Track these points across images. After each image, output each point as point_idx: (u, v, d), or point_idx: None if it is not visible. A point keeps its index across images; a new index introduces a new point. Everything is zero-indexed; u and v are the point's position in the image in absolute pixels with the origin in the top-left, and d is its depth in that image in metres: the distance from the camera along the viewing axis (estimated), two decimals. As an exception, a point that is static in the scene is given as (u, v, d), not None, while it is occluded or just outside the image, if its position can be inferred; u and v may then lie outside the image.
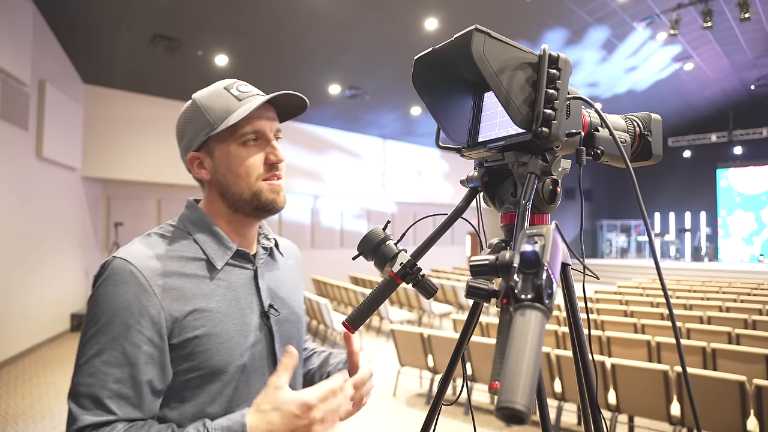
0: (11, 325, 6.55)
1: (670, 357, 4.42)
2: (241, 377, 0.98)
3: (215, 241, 1.03)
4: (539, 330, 0.53)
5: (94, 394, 0.85)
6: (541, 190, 0.84)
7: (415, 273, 0.93)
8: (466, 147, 0.96)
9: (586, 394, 0.93)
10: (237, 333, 0.98)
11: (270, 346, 1.05)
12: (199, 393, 0.94)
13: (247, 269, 1.07)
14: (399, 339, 5.28)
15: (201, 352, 0.93)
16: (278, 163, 1.04)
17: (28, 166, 7.09)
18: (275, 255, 1.17)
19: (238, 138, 1.01)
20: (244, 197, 1.02)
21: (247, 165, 1.01)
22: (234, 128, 1.00)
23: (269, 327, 1.06)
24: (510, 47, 0.79)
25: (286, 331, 1.10)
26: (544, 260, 0.56)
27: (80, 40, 8.14)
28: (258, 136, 1.03)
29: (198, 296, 0.96)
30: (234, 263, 1.05)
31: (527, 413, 0.47)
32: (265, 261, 1.12)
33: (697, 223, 20.26)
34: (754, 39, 11.89)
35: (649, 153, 1.02)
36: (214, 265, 1.00)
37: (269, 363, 1.05)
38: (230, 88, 1.03)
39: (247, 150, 1.02)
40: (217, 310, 0.97)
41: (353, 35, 8.83)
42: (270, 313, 1.06)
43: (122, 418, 0.85)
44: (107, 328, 0.87)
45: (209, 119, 1.00)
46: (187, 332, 0.93)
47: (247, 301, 1.03)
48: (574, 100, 0.84)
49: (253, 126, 1.01)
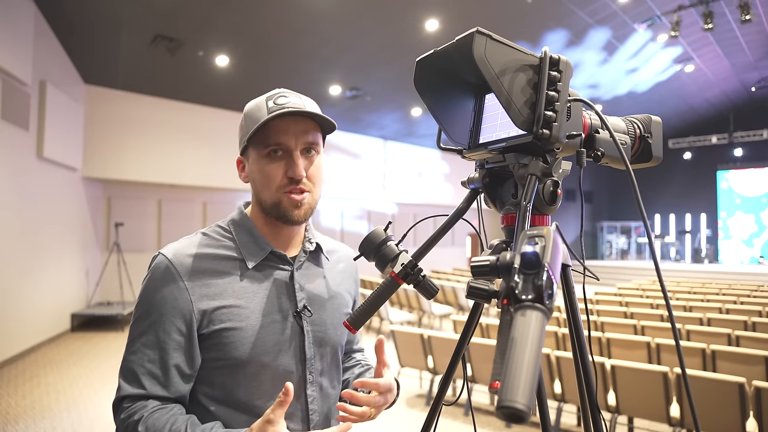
0: (12, 325, 6.56)
1: (669, 358, 4.42)
2: (266, 371, 1.05)
3: (252, 242, 1.11)
4: (540, 330, 0.53)
5: (133, 370, 0.99)
6: (541, 192, 0.84)
7: (416, 273, 0.93)
8: (467, 148, 0.96)
9: (586, 395, 0.93)
10: (263, 329, 1.05)
11: (300, 346, 1.10)
12: (226, 380, 1.03)
13: (284, 270, 1.13)
14: (399, 340, 5.28)
15: (227, 344, 1.02)
16: (297, 179, 1.06)
17: (29, 166, 7.10)
18: (319, 259, 1.21)
19: (264, 148, 1.07)
20: (268, 204, 1.09)
21: (267, 176, 1.07)
22: (262, 139, 1.06)
23: (301, 327, 1.10)
24: (511, 49, 0.79)
25: (321, 334, 1.13)
26: (544, 261, 0.56)
27: (81, 41, 8.15)
28: (281, 149, 1.06)
29: (227, 292, 1.05)
30: (270, 264, 1.12)
31: (527, 412, 0.48)
32: (305, 264, 1.17)
33: (698, 224, 20.26)
34: (755, 41, 11.90)
35: (649, 155, 1.03)
36: (247, 265, 1.08)
37: (299, 361, 1.10)
38: (270, 100, 1.08)
39: (270, 161, 1.07)
40: (245, 306, 1.05)
41: (354, 36, 8.84)
42: (303, 314, 1.10)
43: (152, 394, 0.98)
44: (146, 316, 1.02)
45: (247, 127, 1.08)
46: (214, 324, 1.02)
47: (280, 301, 1.10)
48: (575, 102, 0.84)
49: (276, 139, 1.06)
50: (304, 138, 1.08)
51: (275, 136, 1.05)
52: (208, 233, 1.12)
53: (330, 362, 1.16)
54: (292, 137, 1.06)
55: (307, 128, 1.09)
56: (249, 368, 1.03)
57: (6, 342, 6.42)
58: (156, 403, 0.98)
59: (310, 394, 1.10)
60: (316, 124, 1.11)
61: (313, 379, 1.11)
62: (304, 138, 1.08)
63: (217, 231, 1.13)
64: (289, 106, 1.06)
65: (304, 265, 1.16)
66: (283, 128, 1.06)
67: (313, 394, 1.11)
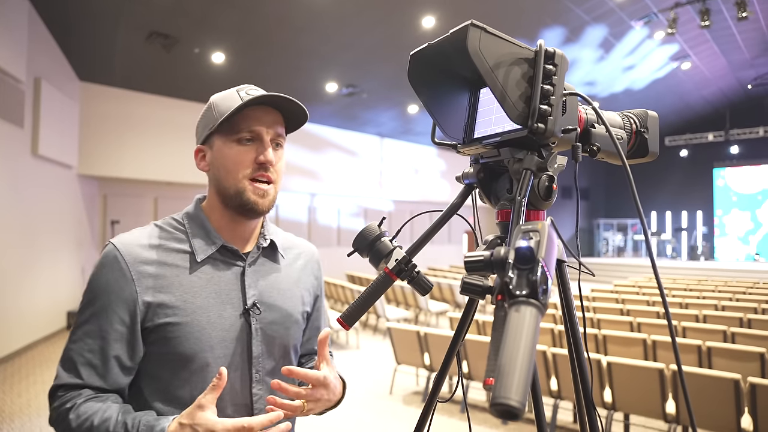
0: (7, 323, 6.53)
1: (665, 355, 4.43)
2: (210, 368, 1.02)
3: (204, 235, 1.09)
4: (534, 326, 0.52)
5: (72, 359, 0.98)
6: (536, 187, 0.83)
7: (410, 269, 0.92)
8: (462, 143, 0.95)
9: (582, 392, 0.92)
10: (209, 325, 1.03)
11: (247, 343, 1.07)
12: (169, 375, 1.02)
13: (235, 266, 1.10)
14: (395, 337, 5.28)
15: (171, 338, 1.00)
16: (266, 164, 1.06)
17: (24, 163, 7.06)
18: (275, 256, 1.18)
19: (234, 135, 1.06)
20: (230, 193, 1.07)
21: (236, 161, 1.06)
22: (233, 126, 1.05)
23: (249, 324, 1.07)
24: (506, 43, 0.78)
25: (272, 332, 1.10)
26: (539, 256, 0.56)
27: (76, 38, 8.10)
28: (253, 136, 1.06)
29: (174, 286, 1.02)
30: (221, 258, 1.09)
31: (521, 409, 0.47)
32: (259, 260, 1.14)
33: (694, 222, 20.32)
34: (751, 38, 11.91)
35: (646, 150, 1.02)
36: (196, 258, 1.06)
37: (246, 359, 1.07)
38: (240, 91, 1.09)
39: (240, 147, 1.06)
40: (191, 300, 1.03)
41: (350, 33, 8.82)
42: (252, 311, 1.08)
43: (88, 384, 0.97)
44: (91, 304, 1.00)
45: (214, 116, 1.07)
46: (158, 318, 1.00)
47: (228, 297, 1.07)
48: (571, 96, 0.83)
49: (250, 126, 1.06)
50: (274, 128, 1.08)
51: (248, 123, 1.05)
52: (161, 225, 1.10)
53: (280, 361, 1.13)
54: (264, 126, 1.06)
55: (277, 120, 1.09)
56: (193, 364, 1.01)
57: (1, 340, 6.39)
58: (90, 392, 0.97)
59: (256, 392, 1.08)
60: (283, 119, 1.12)
61: (260, 377, 1.08)
62: (274, 128, 1.08)
63: (171, 223, 1.11)
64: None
65: (257, 261, 1.14)
66: (256, 116, 1.06)
67: (260, 393, 1.08)
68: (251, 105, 1.05)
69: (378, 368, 6.35)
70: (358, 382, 5.82)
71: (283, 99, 1.06)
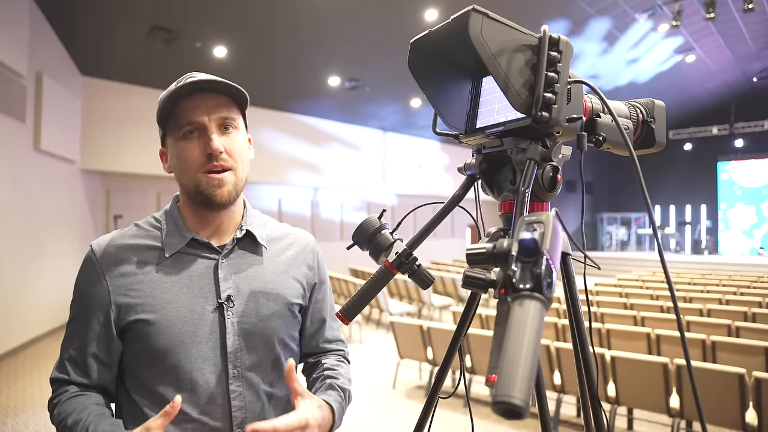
0: (11, 318, 6.55)
1: (669, 349, 4.41)
2: (184, 363, 1.00)
3: (175, 230, 1.08)
4: (538, 321, 0.50)
5: (62, 354, 1.05)
6: (540, 177, 0.81)
7: (410, 263, 0.91)
8: (464, 133, 0.93)
9: (587, 387, 0.91)
10: (180, 320, 1.01)
11: (222, 338, 1.03)
12: (146, 372, 1.02)
13: (209, 259, 1.07)
14: (398, 331, 5.27)
15: (144, 334, 1.00)
16: (215, 154, 1.01)
17: (26, 158, 7.06)
18: (257, 247, 1.13)
19: (178, 131, 1.03)
20: (189, 189, 1.05)
21: (185, 158, 1.03)
22: (175, 122, 1.03)
23: (223, 317, 1.04)
24: (509, 29, 0.76)
25: (250, 326, 1.06)
26: (543, 248, 0.54)
27: (78, 32, 8.08)
28: (195, 127, 1.02)
29: (144, 283, 1.02)
30: (192, 252, 1.07)
31: (525, 408, 0.45)
32: (236, 252, 1.10)
33: (698, 216, 20.24)
34: (757, 30, 11.81)
35: (652, 140, 1.00)
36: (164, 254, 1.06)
37: (221, 354, 1.03)
38: (178, 83, 1.03)
39: (186, 143, 1.03)
40: (160, 296, 1.02)
41: (353, 27, 8.77)
42: (226, 305, 1.04)
43: (74, 380, 1.02)
44: (74, 306, 1.06)
45: (159, 116, 1.05)
46: (131, 315, 1.01)
47: (201, 291, 1.04)
48: (576, 84, 0.81)
49: (188, 118, 1.02)
50: (217, 113, 1.03)
51: (187, 114, 1.01)
52: (140, 224, 1.11)
53: (264, 356, 1.07)
54: (203, 113, 1.02)
55: (220, 103, 1.04)
56: (167, 360, 1.00)
57: (6, 335, 6.41)
58: (76, 389, 1.01)
59: (234, 389, 1.03)
60: (230, 100, 1.06)
61: (239, 373, 1.04)
62: (217, 113, 1.03)
63: (149, 221, 1.11)
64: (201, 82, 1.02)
65: (234, 253, 1.10)
66: (194, 106, 1.02)
67: (238, 389, 1.03)
68: (186, 96, 1.01)
69: (381, 362, 6.35)
70: (361, 376, 5.81)
71: (212, 82, 1.01)
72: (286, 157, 12.80)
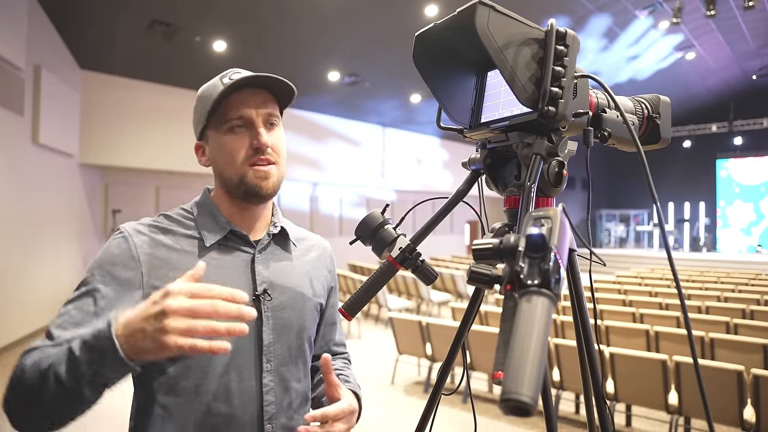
0: (9, 313, 6.54)
1: (668, 346, 4.42)
2: (216, 357, 0.98)
3: (212, 221, 1.08)
4: (546, 317, 0.50)
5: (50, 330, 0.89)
6: (546, 172, 0.80)
7: (414, 258, 0.90)
8: (468, 128, 0.92)
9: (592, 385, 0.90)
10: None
11: (258, 331, 1.03)
12: (173, 366, 0.97)
13: (245, 252, 1.08)
14: (397, 327, 5.28)
15: None
16: (262, 147, 1.03)
17: (25, 152, 7.03)
18: (287, 244, 1.16)
19: (225, 124, 1.04)
20: (233, 182, 1.05)
21: (232, 150, 1.04)
22: (221, 116, 1.04)
23: (260, 311, 1.04)
24: (516, 22, 0.75)
25: (284, 320, 1.07)
26: (551, 244, 0.53)
27: (76, 26, 8.03)
28: (244, 122, 1.04)
29: (181, 269, 0.96)
30: (231, 245, 1.07)
31: (533, 405, 0.45)
32: (269, 248, 1.12)
33: (696, 213, 20.26)
34: (757, 28, 11.79)
35: (658, 136, 0.99)
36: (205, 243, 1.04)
37: (256, 347, 1.03)
38: (224, 77, 1.05)
39: (234, 136, 1.04)
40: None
41: (353, 22, 8.74)
42: (263, 298, 1.05)
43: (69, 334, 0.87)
44: (90, 281, 0.95)
45: (205, 109, 1.04)
46: None
47: (238, 283, 1.03)
48: (582, 79, 0.80)
49: (238, 112, 1.03)
50: (264, 109, 1.05)
51: (235, 109, 1.03)
52: (169, 214, 1.09)
53: (295, 352, 1.09)
54: (252, 108, 1.04)
55: (266, 100, 1.06)
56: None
57: (3, 329, 6.40)
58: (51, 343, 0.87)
59: (267, 383, 1.03)
60: (273, 97, 1.08)
61: (272, 368, 1.04)
62: (264, 109, 1.05)
63: (180, 213, 1.10)
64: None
65: (268, 248, 1.11)
66: (241, 101, 1.03)
67: (270, 384, 1.04)
68: (234, 90, 1.02)
69: (380, 358, 6.36)
70: (359, 372, 5.78)
71: (266, 78, 1.03)
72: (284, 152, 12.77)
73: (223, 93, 1.00)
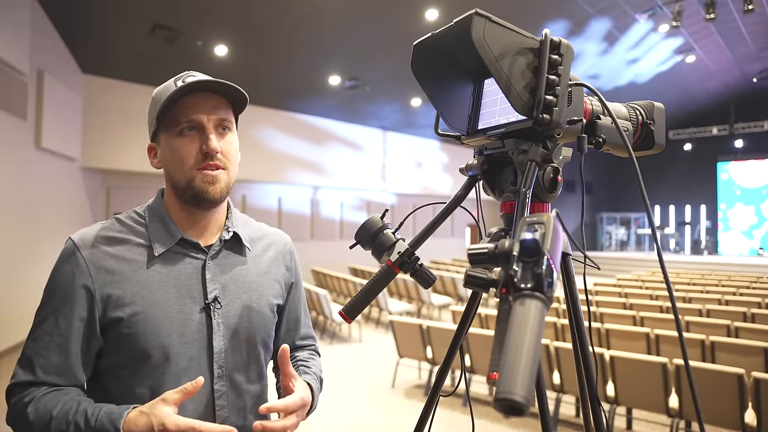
0: (10, 316, 6.55)
1: (669, 349, 4.42)
2: (170, 364, 1.00)
3: (163, 228, 1.07)
4: (539, 320, 0.51)
5: (30, 357, 0.97)
6: (541, 178, 0.82)
7: (413, 262, 0.91)
8: (466, 134, 0.94)
9: (586, 386, 0.92)
10: (167, 320, 1.00)
11: (208, 338, 1.04)
12: (128, 372, 0.99)
13: (196, 259, 1.08)
14: (398, 330, 5.28)
15: (128, 334, 0.98)
16: (211, 153, 1.02)
17: (27, 156, 7.06)
18: (241, 248, 1.15)
19: (175, 128, 1.03)
20: (181, 185, 1.05)
21: (181, 154, 1.03)
22: (172, 118, 1.03)
23: (210, 318, 1.05)
24: (511, 32, 0.77)
25: (236, 326, 1.08)
26: (544, 248, 0.55)
27: (79, 30, 8.08)
28: (193, 125, 1.03)
29: (132, 280, 1.00)
30: (181, 251, 1.07)
31: (526, 405, 0.46)
32: (222, 253, 1.11)
33: (697, 216, 20.25)
34: (757, 31, 11.81)
35: (652, 142, 1.01)
36: (154, 252, 1.04)
37: (207, 354, 1.04)
38: (178, 80, 1.04)
39: (183, 139, 1.03)
40: (148, 296, 1.00)
41: (353, 26, 8.78)
42: (213, 305, 1.05)
43: (45, 381, 0.96)
44: (49, 301, 1.00)
45: (155, 110, 1.04)
46: (116, 313, 0.98)
47: (189, 291, 1.04)
48: (576, 87, 0.82)
49: (188, 116, 1.02)
50: (216, 114, 1.05)
51: (186, 112, 1.02)
52: (122, 219, 1.09)
53: (247, 356, 1.10)
54: (203, 113, 1.03)
55: (218, 104, 1.06)
56: (152, 360, 0.98)
57: (4, 333, 6.42)
58: (47, 388, 0.95)
59: (218, 389, 1.05)
60: (227, 102, 1.08)
61: (223, 373, 1.05)
62: (216, 114, 1.05)
63: (132, 217, 1.09)
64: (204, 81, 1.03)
65: (221, 254, 1.11)
66: (193, 104, 1.03)
67: (222, 389, 1.05)
68: (186, 93, 1.02)
69: (380, 361, 6.36)
70: (360, 375, 5.83)
71: (218, 83, 1.03)
72: (286, 156, 12.80)
73: (172, 97, 1.00)
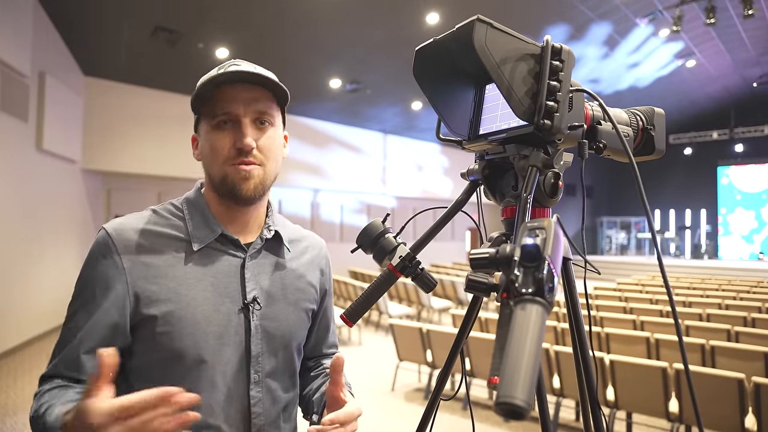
0: (11, 318, 6.55)
1: (669, 354, 4.42)
2: (204, 367, 0.94)
3: (203, 223, 1.02)
4: (540, 324, 0.52)
5: (55, 350, 0.93)
6: (542, 184, 0.82)
7: (414, 266, 0.91)
8: (467, 139, 0.94)
9: (587, 390, 0.92)
10: (204, 320, 0.95)
11: (246, 341, 0.99)
12: (160, 373, 0.93)
13: (236, 257, 1.02)
14: (398, 334, 5.28)
15: (162, 333, 0.92)
16: (245, 149, 0.97)
17: (28, 158, 7.08)
18: (280, 249, 1.10)
19: (212, 120, 0.99)
20: (216, 180, 1.00)
21: (215, 148, 0.98)
22: (210, 109, 0.98)
23: (249, 320, 1.00)
24: (512, 38, 0.78)
25: (272, 330, 1.03)
26: (545, 253, 0.55)
27: (80, 32, 8.11)
28: (229, 118, 0.98)
29: (168, 276, 0.95)
30: (220, 248, 1.02)
31: (527, 409, 0.46)
32: (261, 252, 1.06)
33: (698, 220, 20.25)
34: (757, 36, 11.83)
35: (652, 147, 1.01)
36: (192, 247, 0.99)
37: (244, 358, 0.99)
38: (222, 68, 1.00)
39: (219, 133, 0.98)
40: (185, 293, 0.95)
41: (354, 29, 8.80)
42: (252, 306, 1.00)
43: (65, 375, 0.91)
44: (79, 296, 0.94)
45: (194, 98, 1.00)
46: (149, 310, 0.93)
47: (227, 290, 0.99)
48: (577, 93, 0.83)
49: (224, 108, 0.97)
50: (254, 106, 0.98)
51: (222, 104, 0.97)
52: (158, 210, 1.03)
53: (282, 362, 1.05)
54: (240, 105, 0.97)
55: (259, 96, 0.99)
56: (186, 361, 0.93)
57: (5, 334, 6.42)
58: (60, 382, 0.90)
59: (254, 395, 0.99)
60: (271, 95, 1.01)
61: (259, 378, 1.00)
62: (254, 106, 0.98)
63: (168, 209, 1.03)
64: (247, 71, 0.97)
65: (260, 253, 1.06)
66: (230, 96, 0.97)
67: (258, 395, 1.00)
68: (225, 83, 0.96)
69: (380, 365, 6.36)
70: (360, 378, 5.82)
71: (258, 76, 0.96)
72: (286, 158, 12.78)
73: (206, 86, 0.95)
